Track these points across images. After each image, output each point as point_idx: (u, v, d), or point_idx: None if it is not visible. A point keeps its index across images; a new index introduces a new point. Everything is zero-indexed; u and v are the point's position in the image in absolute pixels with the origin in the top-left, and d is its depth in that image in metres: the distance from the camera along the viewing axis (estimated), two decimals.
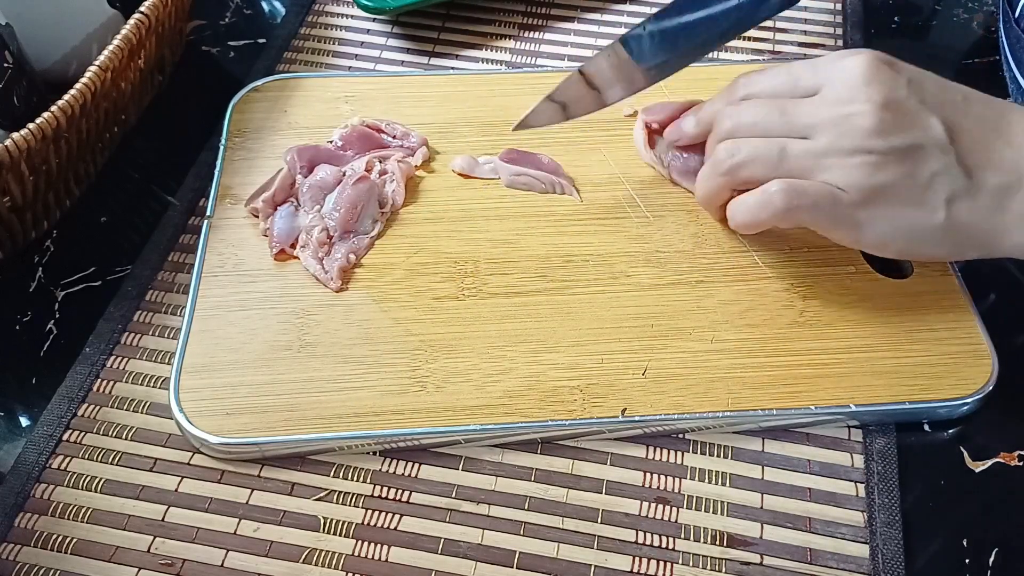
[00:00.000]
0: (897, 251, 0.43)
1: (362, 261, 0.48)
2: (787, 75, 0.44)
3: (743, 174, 0.43)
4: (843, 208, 0.41)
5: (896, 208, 0.41)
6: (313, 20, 0.64)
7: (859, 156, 0.40)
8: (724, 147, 0.44)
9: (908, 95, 0.41)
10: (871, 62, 0.41)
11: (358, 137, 0.53)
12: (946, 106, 0.41)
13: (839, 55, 0.43)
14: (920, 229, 0.41)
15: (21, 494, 0.41)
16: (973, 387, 0.44)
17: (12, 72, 0.48)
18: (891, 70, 0.41)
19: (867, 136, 0.40)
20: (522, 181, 0.52)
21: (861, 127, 0.40)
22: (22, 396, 0.45)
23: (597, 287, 0.47)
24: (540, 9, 0.65)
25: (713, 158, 0.45)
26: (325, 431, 0.42)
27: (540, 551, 0.40)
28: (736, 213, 0.44)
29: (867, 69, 0.41)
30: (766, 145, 0.42)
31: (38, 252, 0.51)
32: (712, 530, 0.41)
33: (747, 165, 0.43)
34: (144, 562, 0.40)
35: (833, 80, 0.42)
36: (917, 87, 0.41)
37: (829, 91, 0.42)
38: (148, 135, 0.57)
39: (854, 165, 0.40)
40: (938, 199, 0.40)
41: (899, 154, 0.40)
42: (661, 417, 0.43)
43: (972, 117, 0.41)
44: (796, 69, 0.44)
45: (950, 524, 0.42)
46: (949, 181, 0.40)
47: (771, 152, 0.42)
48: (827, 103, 0.42)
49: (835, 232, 0.43)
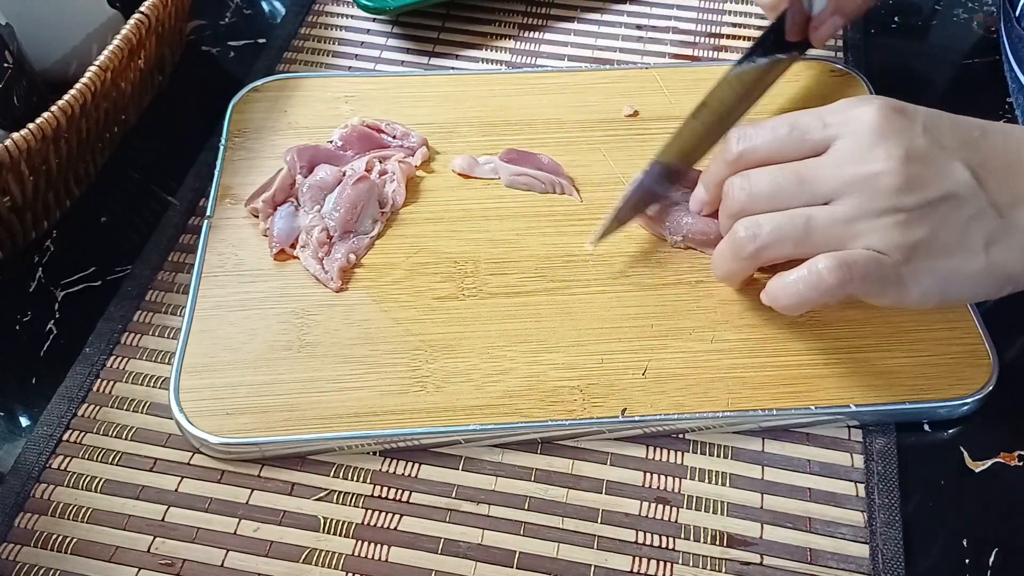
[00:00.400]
0: (940, 302, 0.40)
1: (362, 261, 0.48)
2: (791, 129, 0.41)
3: (768, 255, 0.40)
4: (888, 271, 0.38)
5: (936, 261, 0.39)
6: (313, 20, 0.64)
7: (891, 216, 0.38)
8: (743, 227, 0.41)
9: (928, 143, 0.39)
10: (884, 112, 0.39)
11: (358, 137, 0.53)
12: (966, 147, 0.39)
13: (846, 105, 0.41)
14: (963, 277, 0.39)
15: (21, 494, 0.41)
16: (973, 387, 0.44)
17: (12, 72, 0.48)
18: (905, 118, 0.39)
19: (895, 194, 0.38)
20: (522, 181, 0.52)
21: (888, 186, 0.38)
22: (22, 396, 0.45)
23: (597, 287, 0.47)
24: (540, 9, 0.65)
25: (732, 239, 0.41)
26: (325, 431, 0.42)
27: (540, 551, 0.40)
28: (780, 296, 0.40)
29: (881, 121, 0.39)
30: (789, 220, 0.40)
31: (38, 252, 0.51)
32: (712, 530, 0.41)
33: (772, 246, 0.40)
34: (144, 562, 0.40)
35: (846, 135, 0.39)
36: (933, 132, 0.39)
37: (844, 148, 0.39)
38: (148, 135, 0.57)
39: (888, 226, 0.38)
40: (976, 244, 0.38)
41: (930, 207, 0.38)
42: (661, 417, 0.43)
43: (993, 152, 0.40)
44: (801, 123, 0.41)
45: (950, 524, 0.42)
46: (984, 225, 0.38)
47: (796, 227, 0.39)
48: (844, 162, 0.39)
49: (882, 297, 0.39)
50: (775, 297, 0.41)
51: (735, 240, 0.41)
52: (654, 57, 0.62)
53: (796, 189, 0.40)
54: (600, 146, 0.54)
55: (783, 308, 0.41)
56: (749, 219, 0.41)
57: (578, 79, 0.58)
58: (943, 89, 0.62)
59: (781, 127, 0.41)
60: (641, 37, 0.63)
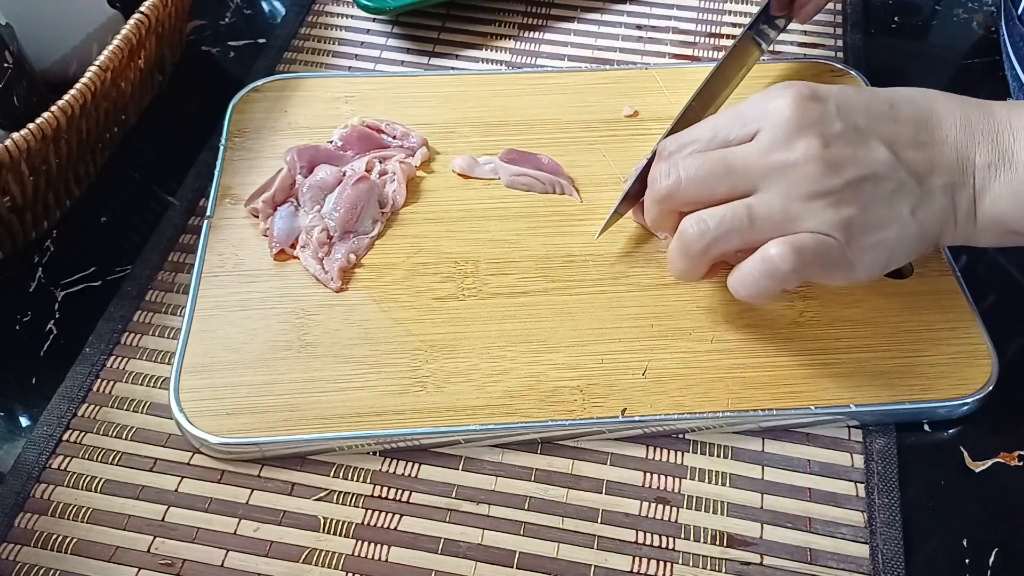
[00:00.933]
0: (883, 270, 0.42)
1: (362, 261, 0.48)
2: (714, 129, 0.42)
3: (718, 249, 0.41)
4: (835, 252, 0.39)
5: (873, 235, 0.40)
6: (313, 20, 0.64)
7: (821, 199, 0.39)
8: (690, 224, 0.41)
9: (843, 127, 0.40)
10: (797, 102, 0.40)
11: (358, 137, 0.53)
12: (880, 122, 0.41)
13: (761, 99, 0.41)
14: (900, 244, 0.40)
15: (21, 494, 0.41)
16: (973, 387, 0.44)
17: (12, 72, 0.48)
18: (818, 104, 0.40)
19: (819, 179, 0.39)
20: (522, 181, 0.52)
21: (810, 173, 0.39)
22: (22, 396, 0.45)
23: (597, 287, 0.47)
24: (540, 9, 0.65)
25: (680, 238, 0.41)
26: (325, 431, 0.42)
27: (540, 551, 0.40)
28: (740, 287, 0.41)
29: (795, 111, 0.40)
30: (732, 213, 0.40)
31: (38, 252, 0.51)
32: (712, 530, 0.41)
33: (720, 240, 0.40)
34: (144, 562, 0.39)
35: (765, 127, 0.40)
36: (846, 112, 0.40)
37: (764, 138, 0.40)
38: (148, 135, 0.57)
39: (821, 208, 0.39)
40: (904, 213, 0.40)
41: (854, 186, 0.39)
42: (661, 417, 0.43)
43: (904, 123, 0.41)
44: (722, 122, 0.42)
45: (950, 524, 0.42)
46: (906, 196, 0.40)
47: (739, 218, 0.40)
48: (766, 151, 0.40)
49: (832, 277, 0.41)
50: (735, 290, 0.41)
51: (684, 239, 0.41)
52: (654, 57, 0.62)
53: (722, 175, 0.41)
54: (600, 146, 0.54)
55: (747, 300, 0.41)
56: (694, 217, 0.41)
57: (578, 79, 0.58)
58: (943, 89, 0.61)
59: (705, 132, 0.42)
60: (641, 37, 0.63)
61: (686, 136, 0.43)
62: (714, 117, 0.43)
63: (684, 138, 0.43)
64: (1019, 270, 0.50)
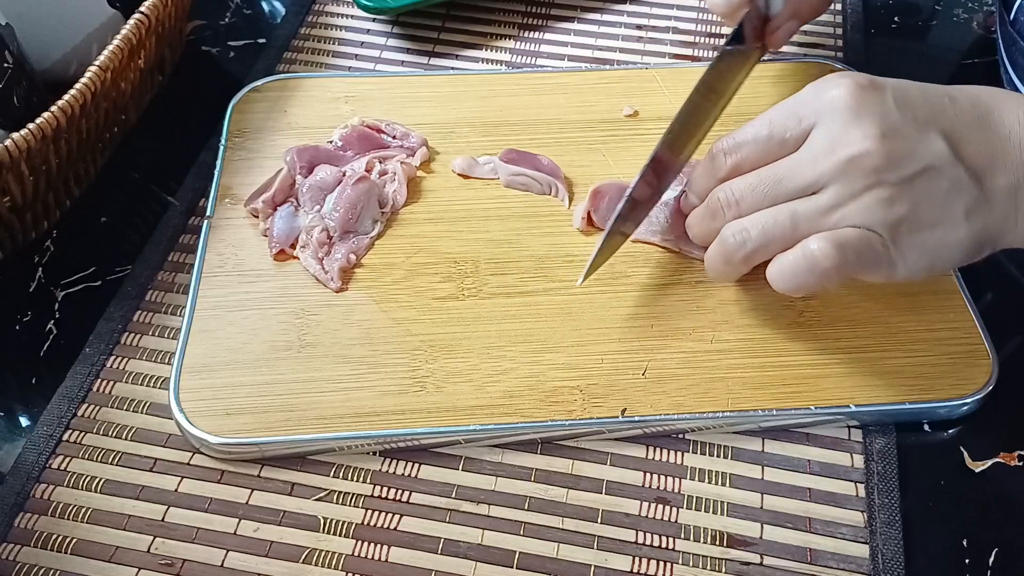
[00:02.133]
0: (926, 273, 0.41)
1: (362, 261, 0.48)
2: (770, 129, 0.41)
3: (759, 257, 0.41)
4: (878, 249, 0.39)
5: (921, 235, 0.39)
6: (313, 20, 0.64)
7: (873, 193, 0.38)
8: (732, 231, 0.41)
9: (902, 117, 0.39)
10: (854, 91, 0.39)
11: (358, 137, 0.53)
12: (939, 116, 0.40)
13: (816, 91, 0.40)
14: (947, 247, 0.39)
15: (21, 494, 0.41)
16: (973, 387, 0.44)
17: (12, 72, 0.48)
18: (875, 93, 0.39)
19: (876, 172, 0.38)
20: (520, 181, 0.52)
21: (868, 166, 0.38)
22: (22, 396, 0.45)
23: (597, 287, 0.47)
24: (540, 9, 0.65)
25: (721, 244, 0.42)
26: (325, 431, 0.42)
27: (540, 551, 0.40)
28: (779, 280, 0.40)
29: (853, 101, 0.39)
30: (774, 219, 0.40)
31: (38, 252, 0.51)
32: (712, 530, 0.41)
33: (761, 249, 0.40)
34: (144, 562, 0.39)
35: (821, 121, 0.40)
36: (905, 104, 0.39)
37: (822, 135, 0.39)
38: (148, 135, 0.57)
39: (871, 205, 0.38)
40: (957, 214, 0.39)
41: (910, 181, 0.38)
42: (661, 417, 0.43)
43: (963, 118, 0.40)
44: (777, 121, 0.41)
45: (950, 524, 0.42)
46: (962, 195, 0.39)
47: (782, 225, 0.40)
48: (823, 151, 0.39)
49: (873, 274, 0.40)
50: (773, 282, 0.41)
51: (725, 247, 0.41)
52: (654, 57, 0.62)
53: (777, 189, 0.40)
54: (600, 146, 0.54)
55: (783, 291, 0.41)
56: (736, 224, 0.41)
57: (578, 79, 0.58)
58: None
59: (761, 131, 0.41)
60: (641, 37, 0.63)
61: (741, 136, 0.42)
62: (767, 114, 0.42)
63: (739, 137, 0.42)
64: (1019, 270, 0.50)
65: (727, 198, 0.42)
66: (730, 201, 0.42)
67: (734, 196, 0.42)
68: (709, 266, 0.44)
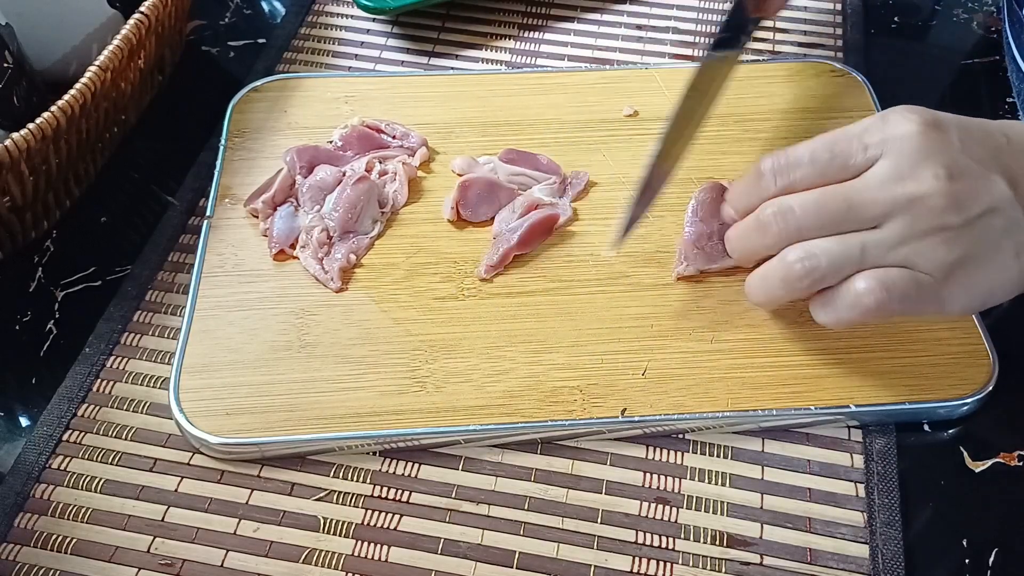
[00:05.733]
0: (980, 308, 0.41)
1: (362, 261, 0.48)
2: (831, 157, 0.40)
3: (823, 285, 0.40)
4: (927, 290, 0.38)
5: (973, 276, 0.39)
6: (313, 20, 0.64)
7: (937, 235, 0.38)
8: (797, 256, 0.39)
9: (966, 158, 0.39)
10: (923, 129, 0.39)
11: (358, 137, 0.53)
12: (998, 156, 0.39)
13: (882, 123, 0.40)
14: (996, 286, 0.39)
15: (21, 494, 0.41)
16: (973, 387, 0.44)
17: (12, 72, 0.48)
18: (941, 133, 0.39)
19: (942, 213, 0.38)
20: (519, 181, 0.52)
21: (935, 207, 0.38)
22: (22, 396, 0.45)
23: (597, 287, 0.47)
24: (540, 9, 0.65)
25: (784, 269, 0.40)
26: (325, 431, 0.42)
27: (540, 551, 0.40)
28: (821, 314, 0.41)
29: (921, 139, 0.38)
30: (845, 250, 0.39)
31: (38, 252, 0.51)
32: (712, 530, 0.41)
33: (829, 277, 0.39)
34: (144, 562, 0.40)
35: (887, 155, 0.39)
36: (968, 144, 0.39)
37: (887, 169, 0.39)
38: (148, 135, 0.57)
39: (933, 246, 0.38)
40: (1008, 254, 0.39)
41: (972, 222, 0.38)
42: (661, 417, 0.43)
43: (1019, 157, 0.40)
44: (841, 149, 0.40)
45: (950, 524, 0.42)
46: (1015, 235, 0.39)
47: (852, 258, 0.39)
48: (890, 184, 0.38)
49: (920, 313, 0.40)
50: (816, 315, 0.41)
51: (789, 272, 0.40)
52: (654, 57, 0.62)
53: (844, 216, 0.39)
54: (600, 146, 0.54)
55: (824, 323, 0.41)
56: (802, 249, 0.40)
57: (578, 79, 0.58)
58: (943, 89, 0.62)
59: (821, 154, 0.40)
60: (641, 37, 0.63)
61: (795, 156, 0.41)
62: (825, 138, 0.41)
63: (792, 157, 0.41)
64: None
65: (782, 212, 0.40)
66: (786, 217, 0.40)
67: (795, 213, 0.40)
68: (759, 287, 0.42)
